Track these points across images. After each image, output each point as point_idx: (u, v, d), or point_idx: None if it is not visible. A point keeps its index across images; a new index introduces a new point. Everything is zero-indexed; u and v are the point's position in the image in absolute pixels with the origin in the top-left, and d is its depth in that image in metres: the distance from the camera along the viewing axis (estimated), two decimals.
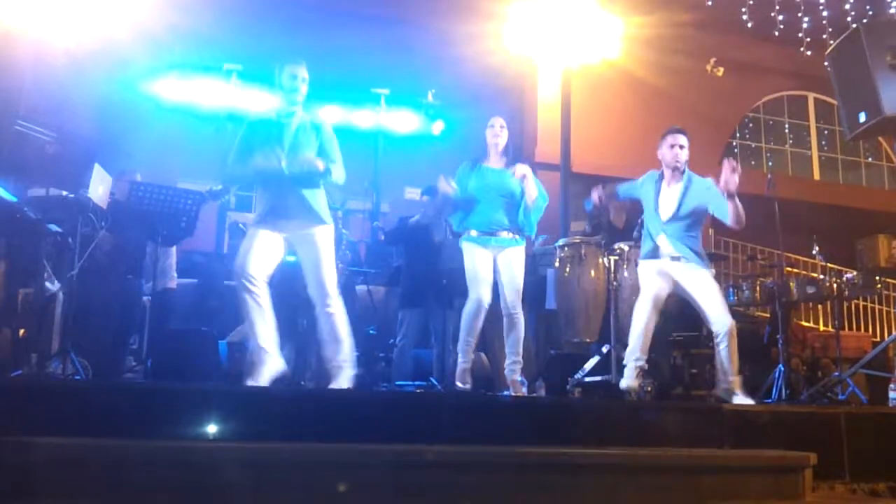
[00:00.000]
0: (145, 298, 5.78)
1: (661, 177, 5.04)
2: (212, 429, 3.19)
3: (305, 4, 9.46)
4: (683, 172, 4.99)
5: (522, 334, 5.01)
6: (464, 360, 5.01)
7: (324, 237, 4.41)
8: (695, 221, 4.97)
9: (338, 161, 4.45)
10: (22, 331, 5.04)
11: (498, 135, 5.10)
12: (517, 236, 5.03)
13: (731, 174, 4.65)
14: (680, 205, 4.92)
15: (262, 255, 4.33)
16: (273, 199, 4.41)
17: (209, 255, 8.18)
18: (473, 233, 5.00)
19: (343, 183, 4.50)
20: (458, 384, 4.98)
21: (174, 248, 6.30)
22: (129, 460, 2.69)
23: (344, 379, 4.32)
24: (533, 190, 4.95)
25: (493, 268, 4.97)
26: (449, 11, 9.40)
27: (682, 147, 4.98)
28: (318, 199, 4.41)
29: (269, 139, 4.39)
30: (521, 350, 4.99)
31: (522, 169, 4.99)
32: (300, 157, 4.30)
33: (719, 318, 4.75)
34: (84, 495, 2.56)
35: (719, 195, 4.76)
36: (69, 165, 5.16)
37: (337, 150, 4.49)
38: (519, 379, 4.95)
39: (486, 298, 4.93)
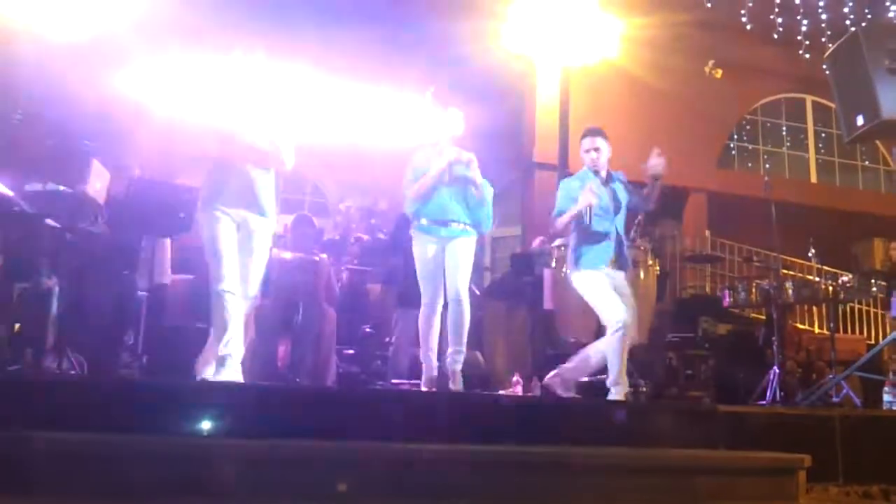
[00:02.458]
0: (141, 294, 5.77)
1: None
2: (207, 425, 3.19)
3: (305, 3, 9.45)
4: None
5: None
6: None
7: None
8: None
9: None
10: (17, 325, 5.04)
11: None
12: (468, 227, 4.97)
13: (657, 158, 4.74)
14: None
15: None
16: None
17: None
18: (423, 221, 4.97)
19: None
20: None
21: (168, 244, 6.29)
22: (126, 456, 2.69)
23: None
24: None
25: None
26: (448, 10, 9.39)
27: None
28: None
29: None
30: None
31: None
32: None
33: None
34: (80, 490, 2.56)
35: None
36: (67, 160, 5.14)
37: None
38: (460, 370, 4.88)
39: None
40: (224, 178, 4.23)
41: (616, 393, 4.59)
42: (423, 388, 4.89)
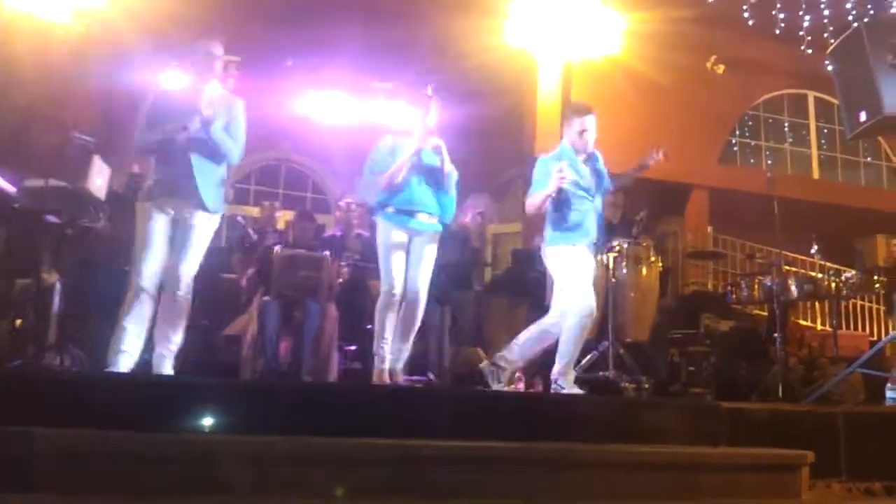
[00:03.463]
0: None
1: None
2: (209, 422, 3.18)
3: None
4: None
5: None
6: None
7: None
8: None
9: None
10: (18, 321, 5.04)
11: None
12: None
13: (658, 155, 4.87)
14: None
15: None
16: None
17: (206, 248, 8.13)
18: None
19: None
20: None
21: None
22: (128, 453, 2.68)
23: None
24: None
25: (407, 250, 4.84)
26: (450, 6, 9.37)
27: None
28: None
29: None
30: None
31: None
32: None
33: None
34: (81, 487, 2.55)
35: None
36: (68, 156, 5.14)
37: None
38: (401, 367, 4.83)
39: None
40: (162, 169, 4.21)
41: (567, 386, 4.55)
42: (374, 382, 4.79)
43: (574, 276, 4.62)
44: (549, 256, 4.77)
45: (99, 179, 5.12)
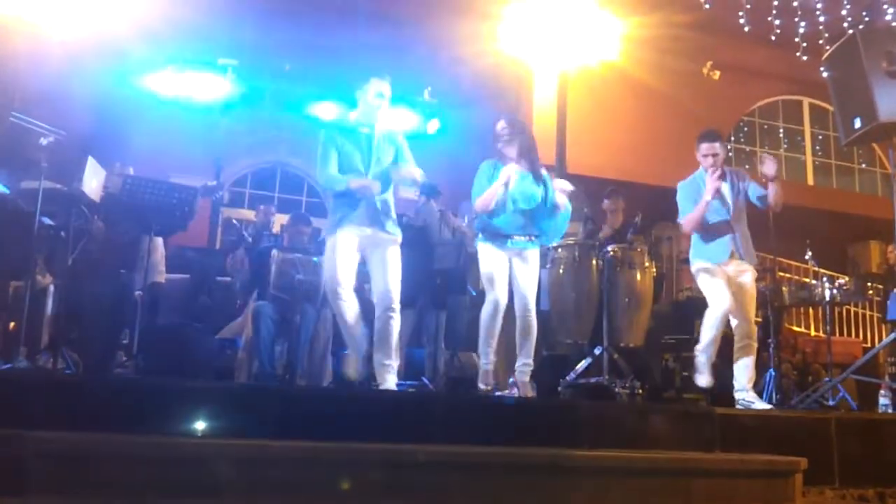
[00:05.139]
0: (137, 293, 5.76)
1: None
2: (203, 425, 3.17)
3: (303, 1, 9.44)
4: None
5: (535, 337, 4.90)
6: (485, 361, 4.87)
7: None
8: None
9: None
10: (12, 324, 5.02)
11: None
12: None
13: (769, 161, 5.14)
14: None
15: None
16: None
17: (201, 251, 8.14)
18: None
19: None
20: (481, 385, 4.84)
21: (162, 243, 6.28)
22: (121, 455, 2.67)
23: None
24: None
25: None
26: (445, 11, 9.39)
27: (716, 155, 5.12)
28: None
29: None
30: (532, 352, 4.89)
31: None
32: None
33: None
34: (74, 490, 2.55)
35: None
36: (63, 158, 5.13)
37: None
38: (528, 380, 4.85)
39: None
40: None
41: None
42: (480, 385, 4.86)
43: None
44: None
45: (94, 181, 5.11)
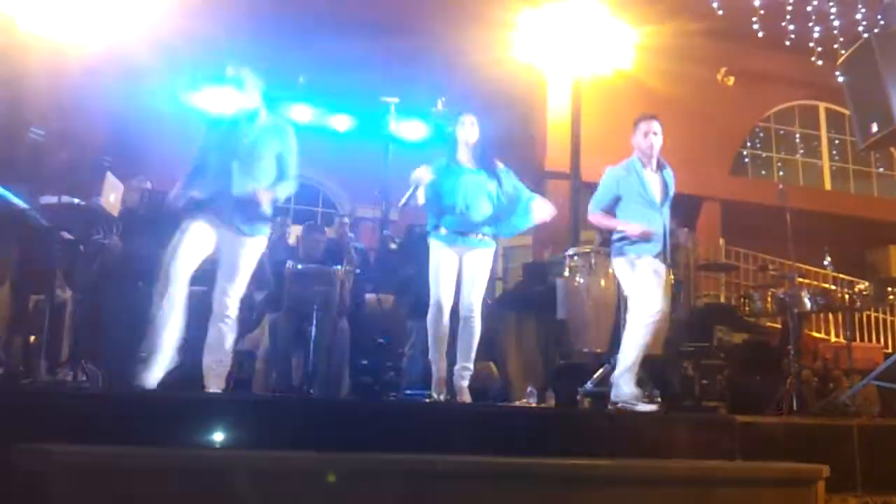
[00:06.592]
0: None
1: (641, 164, 4.99)
2: (222, 438, 3.19)
3: (316, 13, 9.49)
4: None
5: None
6: (435, 368, 4.85)
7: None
8: None
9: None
10: (33, 338, 5.06)
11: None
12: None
13: None
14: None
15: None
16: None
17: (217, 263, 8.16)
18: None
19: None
20: (434, 395, 4.82)
21: None
22: (142, 468, 2.68)
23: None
24: None
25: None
26: (459, 20, 9.42)
27: (655, 134, 4.98)
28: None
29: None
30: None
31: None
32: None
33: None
34: (98, 503, 2.56)
35: None
36: (81, 173, 5.18)
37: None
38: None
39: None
40: None
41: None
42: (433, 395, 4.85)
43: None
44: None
45: (112, 195, 5.15)
